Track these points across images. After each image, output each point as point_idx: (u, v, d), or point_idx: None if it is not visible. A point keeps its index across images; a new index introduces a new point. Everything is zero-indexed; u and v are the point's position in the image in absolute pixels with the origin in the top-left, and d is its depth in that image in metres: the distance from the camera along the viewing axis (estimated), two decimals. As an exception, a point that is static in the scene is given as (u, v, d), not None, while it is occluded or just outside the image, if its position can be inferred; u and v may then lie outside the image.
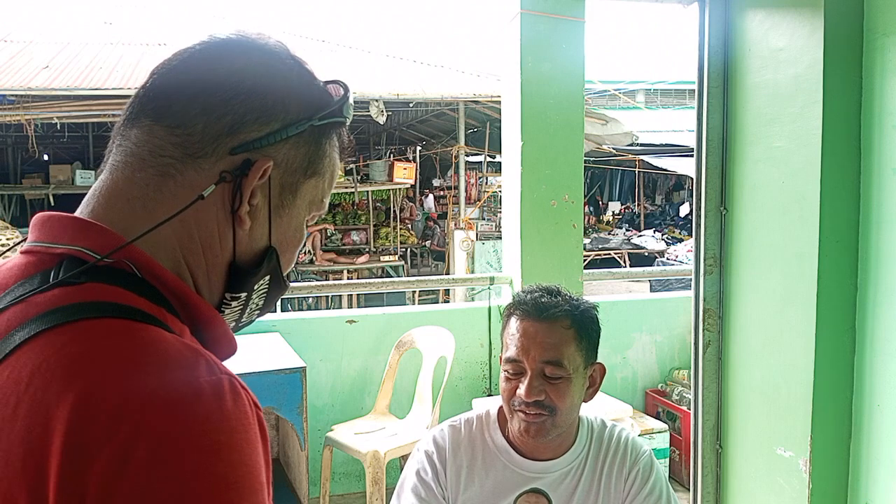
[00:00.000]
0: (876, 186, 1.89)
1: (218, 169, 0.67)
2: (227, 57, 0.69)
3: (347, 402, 3.60)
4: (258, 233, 0.70)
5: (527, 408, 1.38)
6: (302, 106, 0.70)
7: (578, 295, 1.50)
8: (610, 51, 23.38)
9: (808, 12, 1.94)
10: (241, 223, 0.68)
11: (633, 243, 13.20)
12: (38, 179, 11.05)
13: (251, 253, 0.71)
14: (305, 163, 0.71)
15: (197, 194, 0.66)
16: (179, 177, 0.66)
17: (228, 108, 0.67)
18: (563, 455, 1.47)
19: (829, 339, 1.95)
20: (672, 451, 3.64)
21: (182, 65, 0.70)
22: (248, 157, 0.67)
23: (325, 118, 0.71)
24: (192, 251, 0.68)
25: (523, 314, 1.42)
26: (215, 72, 0.68)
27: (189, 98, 0.67)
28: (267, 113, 0.68)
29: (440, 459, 1.47)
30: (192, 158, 0.66)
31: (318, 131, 0.71)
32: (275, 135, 0.68)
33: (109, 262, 0.62)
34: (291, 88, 0.70)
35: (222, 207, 0.68)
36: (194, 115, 0.66)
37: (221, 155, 0.67)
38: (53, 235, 0.64)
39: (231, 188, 0.67)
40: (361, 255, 11.30)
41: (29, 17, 12.01)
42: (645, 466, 1.49)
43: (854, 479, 2.00)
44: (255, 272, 0.71)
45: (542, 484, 1.45)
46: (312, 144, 0.71)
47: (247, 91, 0.67)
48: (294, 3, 44.90)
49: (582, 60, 3.33)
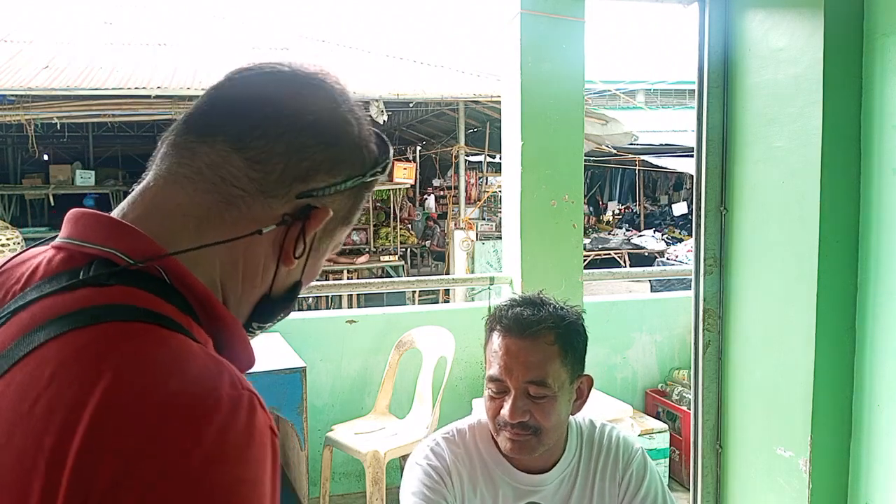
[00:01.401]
0: (876, 186, 1.89)
1: (283, 210, 0.68)
2: (311, 98, 0.71)
3: (347, 402, 3.60)
4: (295, 270, 0.73)
5: (511, 428, 1.34)
6: (361, 161, 0.72)
7: (564, 301, 1.44)
8: (610, 51, 23.38)
9: (808, 12, 1.94)
10: (288, 263, 0.70)
11: (633, 243, 13.20)
12: (38, 179, 11.05)
13: (283, 288, 0.73)
14: (346, 213, 0.74)
15: (256, 229, 0.67)
16: (245, 209, 0.67)
17: (308, 154, 0.68)
18: (556, 465, 1.43)
19: (829, 339, 1.95)
20: (672, 451, 3.64)
21: (264, 95, 0.70)
22: (309, 202, 0.69)
23: (374, 175, 0.74)
24: (232, 277, 0.69)
25: (505, 330, 1.36)
26: (303, 114, 0.69)
27: (276, 136, 0.67)
28: (337, 165, 0.70)
29: (443, 470, 1.42)
30: (264, 196, 0.67)
31: (364, 186, 0.74)
32: (338, 185, 0.70)
33: (140, 266, 0.62)
34: (359, 143, 0.72)
35: (272, 245, 0.69)
36: (278, 155, 0.67)
37: (290, 198, 0.68)
38: (86, 234, 0.64)
39: (285, 230, 0.69)
40: (361, 255, 11.30)
41: (29, 17, 12.01)
42: (639, 468, 1.46)
43: (854, 479, 2.00)
44: (282, 304, 0.74)
45: (539, 497, 1.42)
46: (356, 197, 0.74)
47: (326, 141, 0.69)
48: (294, 3, 44.89)
49: (582, 60, 3.33)
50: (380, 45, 12.70)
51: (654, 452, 3.50)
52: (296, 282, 0.75)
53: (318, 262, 0.76)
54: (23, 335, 0.57)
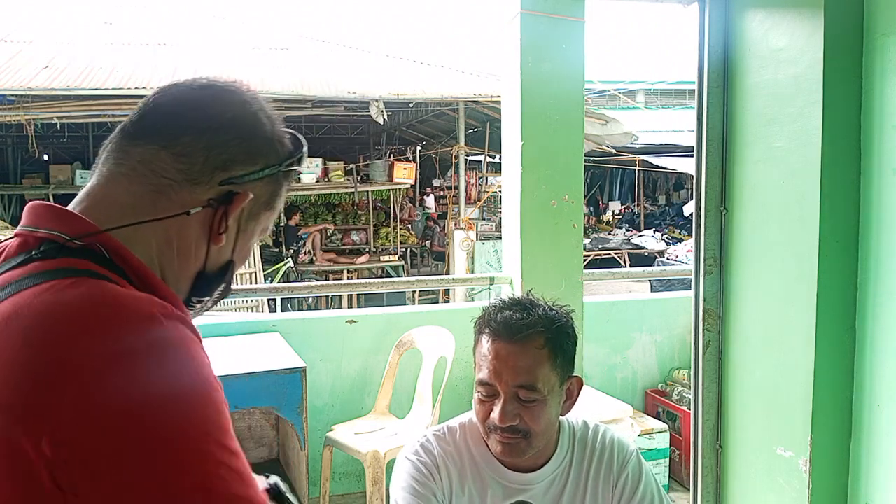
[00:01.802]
0: (876, 186, 1.89)
1: (208, 195, 0.81)
2: (226, 102, 0.84)
3: (347, 402, 3.60)
4: (225, 249, 0.86)
5: (501, 431, 1.34)
6: (276, 153, 0.86)
7: (554, 301, 1.43)
8: (610, 51, 23.38)
9: (808, 12, 1.94)
10: (217, 241, 0.83)
11: (633, 243, 13.20)
12: (38, 179, 11.05)
13: (217, 265, 0.86)
14: (268, 198, 0.88)
15: (184, 210, 0.80)
16: (174, 196, 0.80)
17: (226, 148, 0.81)
18: (546, 464, 1.43)
19: (829, 339, 1.95)
20: (672, 451, 3.64)
21: (187, 100, 0.84)
22: (231, 189, 0.82)
23: (289, 166, 0.88)
24: (167, 254, 0.81)
25: (494, 334, 1.35)
26: (218, 115, 0.83)
27: (197, 134, 0.81)
28: (253, 155, 0.83)
29: (433, 466, 1.42)
30: (190, 183, 0.80)
31: (282, 175, 0.88)
32: (256, 174, 0.84)
33: (83, 245, 0.74)
34: (270, 138, 0.86)
35: (202, 226, 0.82)
36: (199, 150, 0.80)
37: (213, 185, 0.81)
38: (37, 221, 0.77)
39: (212, 212, 0.82)
40: (361, 255, 11.30)
41: (29, 17, 12.00)
42: (634, 470, 1.45)
43: (854, 479, 2.00)
44: (217, 280, 0.87)
45: (529, 496, 1.42)
46: (276, 185, 0.88)
47: (241, 136, 0.83)
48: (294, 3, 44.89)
49: (582, 60, 3.33)
50: (380, 45, 12.70)
51: (654, 452, 3.50)
52: (228, 261, 0.87)
53: (247, 244, 0.89)
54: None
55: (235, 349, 3.16)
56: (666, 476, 3.57)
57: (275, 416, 3.52)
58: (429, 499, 1.40)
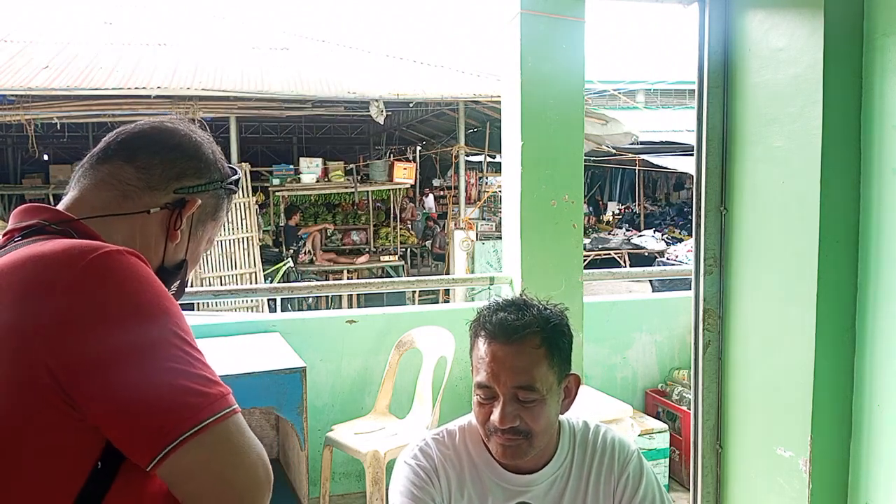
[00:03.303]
0: (876, 186, 1.89)
1: (165, 200, 1.03)
2: (175, 133, 1.07)
3: (347, 402, 3.59)
4: (180, 248, 1.07)
5: (502, 433, 1.34)
6: (218, 173, 1.10)
7: (547, 300, 1.44)
8: (610, 51, 23.37)
9: (808, 12, 1.94)
10: (173, 238, 1.05)
11: (633, 243, 13.21)
12: (38, 179, 11.06)
13: (173, 261, 1.07)
14: (214, 209, 1.10)
15: (145, 209, 1.01)
16: (137, 199, 1.01)
17: (178, 163, 1.04)
18: (547, 465, 1.43)
19: (829, 339, 1.95)
20: (672, 451, 3.64)
21: (146, 131, 1.06)
22: (183, 196, 1.04)
23: (230, 185, 1.11)
24: (132, 248, 0.95)
25: (490, 336, 1.36)
26: (169, 140, 1.06)
27: (153, 152, 1.03)
28: (200, 171, 1.07)
29: (431, 470, 1.42)
30: (150, 190, 1.02)
31: (224, 191, 1.11)
32: (204, 186, 1.07)
33: (59, 230, 0.94)
34: (216, 160, 1.10)
35: (161, 225, 1.03)
36: (156, 164, 1.03)
37: (168, 192, 1.03)
38: (21, 217, 0.98)
39: (169, 215, 1.03)
40: (361, 255, 11.30)
41: (29, 17, 12.00)
42: (635, 470, 1.45)
43: (854, 479, 2.00)
44: (175, 274, 1.08)
45: (529, 497, 1.42)
46: (220, 199, 1.11)
47: (189, 156, 1.06)
48: (294, 3, 44.85)
49: (582, 60, 3.33)
50: (380, 45, 12.70)
51: (654, 452, 3.50)
52: (182, 259, 1.08)
53: (197, 247, 1.10)
54: None
55: (235, 349, 3.16)
56: (666, 476, 3.57)
57: (275, 416, 3.52)
58: (427, 491, 1.40)
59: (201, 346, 0.90)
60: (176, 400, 0.84)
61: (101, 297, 0.85)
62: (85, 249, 0.87)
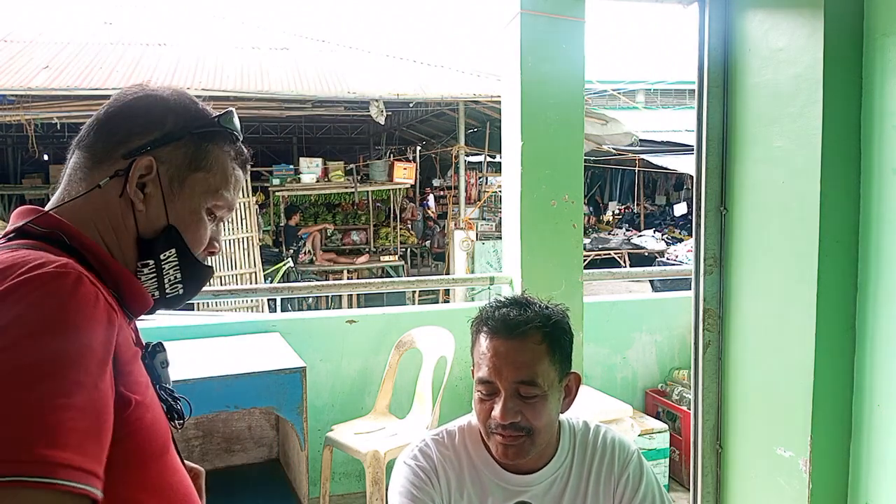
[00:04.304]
0: (876, 186, 1.89)
1: (114, 168, 0.97)
2: (122, 98, 1.01)
3: (347, 402, 3.60)
4: (154, 214, 0.98)
5: (503, 430, 1.34)
6: (178, 120, 0.99)
7: (549, 299, 1.44)
8: (610, 51, 23.36)
9: (808, 12, 1.94)
10: (134, 205, 0.96)
11: (633, 243, 13.21)
12: (38, 179, 11.06)
13: (152, 229, 0.98)
14: (188, 160, 0.99)
15: (95, 185, 0.96)
16: (90, 178, 0.97)
17: (119, 128, 0.98)
18: (547, 465, 1.43)
19: (829, 339, 1.95)
20: (672, 451, 3.64)
21: (100, 111, 1.01)
22: (134, 158, 0.96)
23: (202, 128, 1.00)
24: (104, 229, 0.96)
25: (492, 332, 1.36)
26: (112, 109, 1.00)
27: (95, 129, 0.99)
28: (149, 126, 0.98)
29: (431, 470, 1.42)
30: (98, 164, 0.97)
31: (198, 137, 1.00)
32: (155, 141, 0.97)
33: (46, 232, 0.92)
34: (169, 109, 1.00)
35: (119, 196, 0.96)
36: (99, 139, 0.98)
37: (116, 159, 0.97)
38: (14, 220, 0.95)
39: (123, 181, 0.96)
40: (361, 255, 11.30)
41: (29, 17, 12.00)
42: (635, 470, 1.45)
43: (854, 479, 2.00)
44: (156, 243, 0.98)
45: (529, 497, 1.42)
46: (193, 147, 0.99)
47: (132, 115, 0.99)
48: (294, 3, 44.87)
49: (582, 60, 3.33)
50: (380, 45, 12.69)
51: (654, 452, 3.50)
52: (165, 226, 0.99)
53: (185, 206, 1.00)
54: None
55: (235, 349, 3.16)
56: (666, 476, 3.57)
57: (275, 416, 3.52)
58: (427, 492, 1.40)
59: (201, 346, 0.85)
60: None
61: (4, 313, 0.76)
62: (16, 265, 0.80)
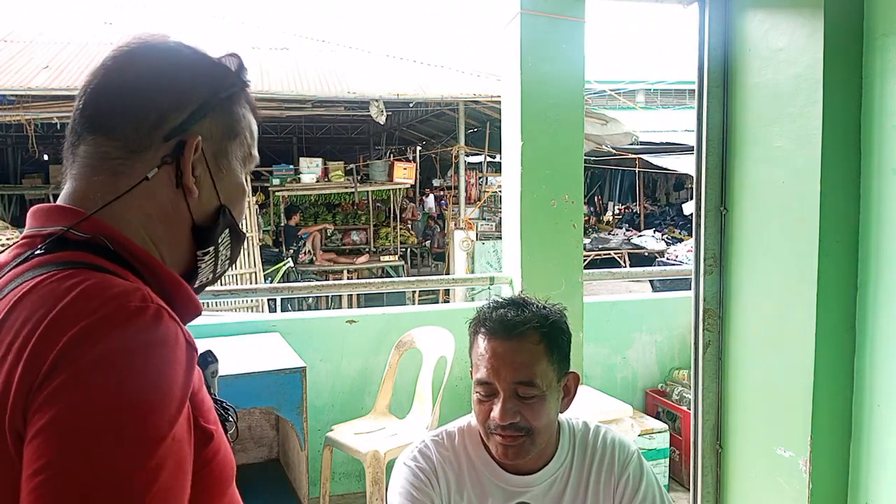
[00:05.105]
0: (876, 186, 1.89)
1: (159, 155, 0.82)
2: (135, 64, 0.84)
3: (347, 402, 3.60)
4: (207, 196, 0.85)
5: (503, 430, 1.34)
6: (208, 85, 0.85)
7: (546, 299, 1.44)
8: (610, 51, 23.36)
9: (808, 12, 1.94)
10: (190, 193, 0.83)
11: (633, 243, 13.21)
12: (38, 179, 11.06)
13: (206, 214, 0.86)
14: (226, 129, 0.86)
15: (143, 178, 0.81)
16: (129, 171, 0.81)
17: (150, 107, 0.82)
18: (547, 465, 1.43)
19: (829, 339, 1.95)
20: (672, 451, 3.64)
21: (102, 82, 0.84)
22: (179, 139, 0.82)
23: (230, 89, 0.87)
24: (153, 228, 0.83)
25: (490, 333, 1.36)
26: (130, 82, 0.83)
27: (115, 110, 0.82)
28: (182, 100, 0.83)
29: (430, 472, 1.42)
30: (136, 154, 0.81)
31: (228, 101, 0.86)
32: (194, 115, 0.83)
33: (87, 238, 0.78)
34: (196, 74, 0.85)
35: (170, 185, 0.83)
36: (125, 122, 0.81)
37: (158, 144, 0.82)
38: (41, 221, 0.81)
39: (173, 168, 0.82)
40: (361, 255, 11.30)
41: (29, 17, 12.01)
42: (635, 470, 1.45)
43: (854, 479, 2.00)
44: (214, 228, 0.87)
45: (529, 497, 1.42)
46: (226, 113, 0.86)
47: (161, 89, 0.83)
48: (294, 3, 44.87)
49: (582, 60, 3.33)
50: (380, 45, 12.68)
51: (654, 452, 3.49)
52: (218, 206, 0.87)
53: (232, 181, 0.88)
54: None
55: (235, 349, 3.16)
56: (666, 476, 3.57)
57: (275, 416, 3.52)
58: (426, 493, 1.40)
59: (201, 346, 0.81)
60: None
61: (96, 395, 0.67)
62: (89, 296, 0.71)
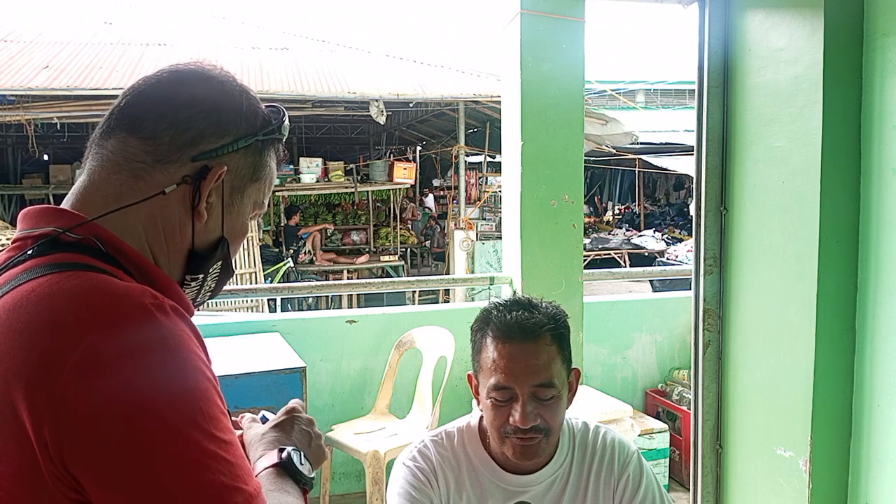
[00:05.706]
0: (876, 186, 1.89)
1: (181, 173, 0.82)
2: (189, 82, 0.86)
3: (347, 402, 3.60)
4: (212, 226, 0.86)
5: (523, 434, 1.33)
6: (249, 124, 0.87)
7: (541, 298, 1.44)
8: (610, 51, 23.34)
9: (808, 12, 1.94)
10: (199, 217, 0.84)
11: (633, 243, 13.20)
12: (38, 179, 11.05)
13: (206, 242, 0.87)
14: (251, 170, 0.88)
15: (160, 191, 0.82)
16: (149, 178, 0.82)
17: (191, 124, 0.83)
18: (546, 465, 1.43)
19: (829, 339, 1.95)
20: (672, 451, 3.64)
21: (152, 88, 0.85)
22: (206, 163, 0.83)
23: (268, 134, 0.88)
24: (156, 238, 0.83)
25: (504, 336, 1.34)
26: (180, 95, 0.84)
27: (159, 115, 0.82)
28: (222, 128, 0.84)
29: (430, 472, 1.42)
30: (161, 164, 0.82)
31: (262, 145, 0.88)
32: (228, 146, 0.84)
33: (79, 239, 0.78)
34: (241, 110, 0.86)
35: (183, 204, 0.83)
36: (163, 130, 0.82)
37: (185, 161, 0.82)
38: (33, 223, 0.81)
39: (191, 189, 0.83)
40: (361, 255, 11.30)
41: (29, 17, 12.00)
42: (635, 470, 1.45)
43: (854, 479, 2.00)
44: (210, 257, 0.87)
45: (529, 497, 1.42)
46: (256, 155, 0.88)
47: (206, 110, 0.84)
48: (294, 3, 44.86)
49: (582, 60, 3.33)
50: (380, 45, 12.68)
51: (654, 452, 3.50)
52: (219, 237, 0.88)
53: (239, 219, 0.89)
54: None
55: (235, 349, 3.16)
56: (666, 476, 3.57)
57: (275, 416, 3.52)
58: (425, 493, 1.40)
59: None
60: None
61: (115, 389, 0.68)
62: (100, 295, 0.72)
